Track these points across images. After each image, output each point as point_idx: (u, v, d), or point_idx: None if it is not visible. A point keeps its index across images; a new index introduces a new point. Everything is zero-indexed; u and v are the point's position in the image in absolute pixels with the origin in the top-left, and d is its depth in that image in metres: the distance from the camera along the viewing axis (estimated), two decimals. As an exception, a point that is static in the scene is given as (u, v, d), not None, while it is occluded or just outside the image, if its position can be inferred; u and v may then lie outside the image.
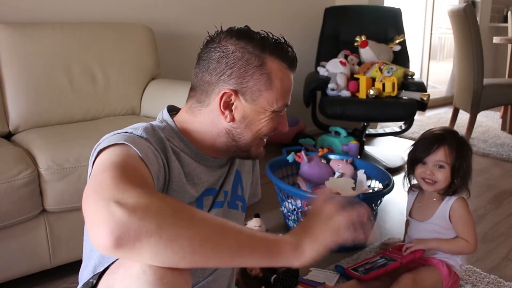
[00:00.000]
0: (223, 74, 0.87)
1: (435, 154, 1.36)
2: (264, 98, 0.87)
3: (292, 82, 0.92)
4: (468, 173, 1.39)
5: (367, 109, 2.50)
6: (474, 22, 3.11)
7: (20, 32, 1.78)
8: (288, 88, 0.91)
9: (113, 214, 0.56)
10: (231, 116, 0.88)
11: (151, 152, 0.76)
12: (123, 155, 0.69)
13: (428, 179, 1.38)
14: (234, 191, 1.01)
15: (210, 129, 0.90)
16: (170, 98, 1.94)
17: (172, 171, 0.82)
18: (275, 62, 0.88)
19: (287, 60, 0.89)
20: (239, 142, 0.91)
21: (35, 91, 1.78)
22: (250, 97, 0.87)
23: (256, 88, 0.86)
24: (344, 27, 3.01)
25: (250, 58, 0.86)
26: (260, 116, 0.89)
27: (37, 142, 1.53)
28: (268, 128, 0.90)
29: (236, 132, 0.90)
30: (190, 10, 2.63)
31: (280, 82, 0.88)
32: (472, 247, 1.36)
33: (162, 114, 0.95)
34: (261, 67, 0.86)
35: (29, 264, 1.41)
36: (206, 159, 0.92)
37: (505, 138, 3.44)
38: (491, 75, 5.04)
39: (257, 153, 0.96)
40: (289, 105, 0.93)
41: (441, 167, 1.36)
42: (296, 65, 0.92)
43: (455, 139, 1.38)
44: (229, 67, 0.86)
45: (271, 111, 0.89)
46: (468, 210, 1.38)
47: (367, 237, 0.78)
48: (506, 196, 2.31)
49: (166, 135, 0.87)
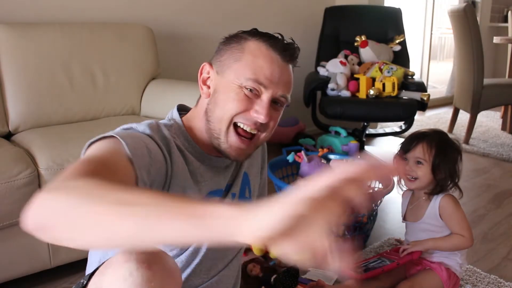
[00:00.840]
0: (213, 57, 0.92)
1: (414, 150, 1.39)
2: (232, 70, 0.86)
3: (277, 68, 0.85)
4: (453, 172, 1.38)
5: (367, 109, 2.50)
6: (474, 22, 3.11)
7: (20, 32, 1.78)
8: (264, 66, 0.84)
9: (36, 197, 0.54)
10: (208, 91, 0.89)
11: (144, 147, 0.74)
12: (105, 148, 0.68)
13: (408, 175, 1.40)
14: (242, 193, 1.01)
15: (200, 115, 0.90)
16: (170, 98, 1.95)
17: (177, 167, 0.82)
18: (256, 42, 0.87)
19: (271, 42, 0.86)
20: (210, 123, 0.87)
21: (35, 91, 1.78)
22: (221, 68, 0.88)
23: (226, 60, 0.88)
24: (344, 27, 3.01)
25: (236, 40, 0.89)
26: (229, 91, 0.85)
27: (37, 142, 1.53)
28: (236, 106, 0.84)
29: (209, 109, 0.88)
30: (190, 10, 2.63)
31: (252, 57, 0.85)
32: (469, 240, 1.36)
33: (172, 113, 0.95)
34: (239, 44, 0.88)
35: (29, 264, 1.41)
36: (210, 159, 0.92)
37: (505, 138, 3.44)
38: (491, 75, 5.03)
39: (230, 148, 0.87)
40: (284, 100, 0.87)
41: (419, 163, 1.38)
42: (291, 55, 0.88)
43: (438, 137, 1.40)
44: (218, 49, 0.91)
45: (237, 85, 0.84)
46: (457, 205, 1.38)
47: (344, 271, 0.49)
48: (506, 196, 2.31)
49: (172, 133, 0.87)
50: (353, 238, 1.74)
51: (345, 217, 0.48)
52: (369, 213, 1.74)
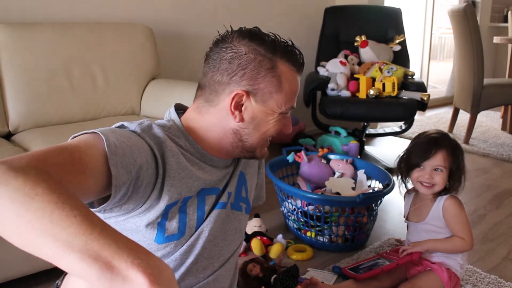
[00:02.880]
0: (235, 75, 0.87)
1: (433, 158, 1.37)
2: (274, 100, 0.89)
3: (299, 84, 0.94)
4: (463, 174, 1.39)
5: (367, 109, 2.50)
6: (474, 22, 3.11)
7: (20, 32, 1.78)
8: (296, 90, 0.93)
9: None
10: (241, 116, 0.89)
11: (128, 145, 0.73)
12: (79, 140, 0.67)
13: (426, 182, 1.38)
14: (238, 192, 1.01)
15: (217, 128, 0.90)
16: (170, 98, 1.95)
17: (170, 167, 0.81)
18: (285, 65, 0.89)
19: (296, 63, 0.91)
20: (245, 143, 0.92)
21: (35, 91, 1.78)
22: (261, 98, 0.88)
23: (267, 90, 0.88)
24: (344, 27, 3.01)
25: (263, 60, 0.87)
26: (268, 118, 0.90)
27: (37, 142, 1.53)
28: (275, 129, 0.93)
29: (244, 133, 0.91)
30: (190, 10, 2.63)
31: (289, 84, 0.90)
32: (468, 244, 1.36)
33: (170, 113, 0.95)
34: (273, 70, 0.88)
35: (29, 264, 1.41)
36: (212, 160, 0.92)
37: (505, 138, 3.44)
38: (491, 75, 5.03)
39: (262, 154, 0.98)
40: (294, 107, 0.94)
41: (438, 170, 1.37)
42: (303, 68, 0.95)
43: (449, 142, 1.39)
44: (242, 68, 0.86)
45: (279, 112, 0.90)
46: (461, 207, 1.38)
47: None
48: (506, 196, 2.31)
49: (172, 135, 0.87)
50: (353, 238, 1.74)
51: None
52: (369, 213, 1.74)
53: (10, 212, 0.51)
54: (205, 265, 0.94)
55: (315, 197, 1.70)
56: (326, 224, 1.71)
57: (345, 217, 1.71)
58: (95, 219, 0.52)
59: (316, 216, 1.71)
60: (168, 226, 0.85)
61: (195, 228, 0.90)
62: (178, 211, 0.87)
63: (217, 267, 0.98)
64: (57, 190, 0.53)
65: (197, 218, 0.90)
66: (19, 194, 0.51)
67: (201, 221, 0.91)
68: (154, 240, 0.84)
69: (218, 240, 0.96)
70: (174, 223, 0.86)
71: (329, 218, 1.72)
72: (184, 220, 0.88)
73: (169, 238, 0.86)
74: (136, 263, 0.49)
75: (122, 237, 0.52)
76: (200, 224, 0.91)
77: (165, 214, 0.84)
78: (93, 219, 0.52)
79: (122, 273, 0.48)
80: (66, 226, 0.50)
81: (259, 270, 1.47)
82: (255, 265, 1.49)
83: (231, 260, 1.03)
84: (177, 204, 0.85)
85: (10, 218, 0.51)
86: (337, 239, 1.73)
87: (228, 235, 0.99)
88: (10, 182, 0.52)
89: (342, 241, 1.73)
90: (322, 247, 1.74)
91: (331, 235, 1.73)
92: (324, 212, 1.71)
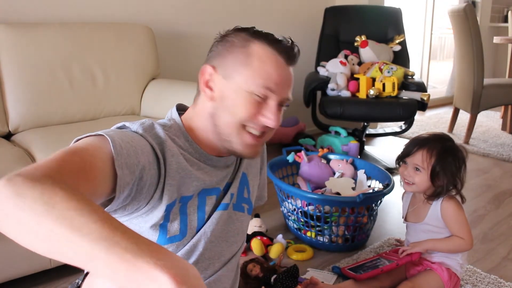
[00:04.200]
0: (210, 57, 0.90)
1: (413, 156, 1.38)
2: (239, 74, 0.85)
3: (282, 71, 0.87)
4: (454, 180, 1.36)
5: (367, 109, 2.50)
6: (474, 22, 3.11)
7: (20, 32, 1.78)
8: (273, 73, 0.85)
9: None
10: (211, 94, 0.88)
11: (134, 146, 0.73)
12: (86, 144, 0.68)
13: (406, 179, 1.41)
14: (240, 193, 1.01)
15: (202, 118, 0.90)
16: (170, 98, 1.95)
17: (170, 167, 0.82)
18: (262, 46, 0.86)
19: (277, 46, 0.86)
20: (219, 127, 0.88)
21: (35, 91, 1.78)
22: (226, 72, 0.87)
23: (232, 63, 0.86)
24: (344, 27, 3.01)
25: (238, 41, 0.87)
26: (237, 96, 0.85)
27: (37, 142, 1.53)
28: (246, 112, 0.85)
29: (216, 115, 0.88)
30: (190, 10, 2.63)
31: (260, 63, 0.85)
32: (468, 244, 1.36)
33: (171, 113, 0.95)
34: (243, 47, 0.87)
35: (29, 264, 1.41)
36: (211, 159, 0.92)
37: (505, 138, 3.44)
38: (491, 75, 5.03)
39: (244, 147, 0.88)
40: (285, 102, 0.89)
41: (417, 170, 1.37)
42: (294, 58, 0.88)
43: (440, 145, 1.37)
44: (217, 50, 0.89)
45: (246, 90, 0.84)
46: (459, 207, 1.37)
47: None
48: (506, 196, 2.31)
49: (172, 134, 0.87)
50: (353, 238, 1.74)
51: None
52: (369, 213, 1.74)
53: (32, 222, 0.52)
54: (205, 265, 0.94)
55: (315, 197, 1.70)
56: (326, 224, 1.71)
57: (345, 217, 1.71)
58: (114, 223, 0.53)
59: (316, 216, 1.71)
60: (170, 227, 0.85)
61: (196, 229, 0.90)
62: (179, 212, 0.87)
63: (218, 267, 0.98)
64: (74, 198, 0.54)
65: (197, 219, 0.90)
66: (39, 204, 0.52)
67: (202, 222, 0.91)
68: (156, 241, 0.84)
69: (219, 241, 0.95)
70: (175, 224, 0.86)
71: (329, 218, 1.72)
72: (185, 221, 0.88)
73: (171, 239, 0.86)
74: (160, 264, 0.49)
75: (143, 239, 0.52)
76: (202, 225, 0.91)
77: (166, 216, 0.84)
78: (112, 222, 0.53)
79: (147, 274, 0.49)
80: (88, 233, 0.51)
81: (259, 270, 1.47)
82: (255, 265, 1.49)
83: (232, 260, 1.03)
84: (176, 205, 0.85)
85: (32, 228, 0.52)
86: (337, 239, 1.73)
87: (230, 236, 0.99)
88: (28, 193, 0.53)
89: (342, 241, 1.73)
90: (322, 247, 1.74)
91: (331, 235, 1.73)
92: (324, 212, 1.71)
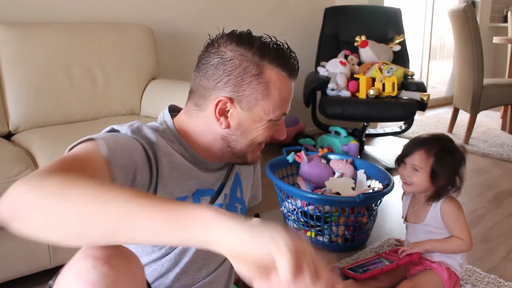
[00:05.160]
0: (220, 81, 0.85)
1: (411, 156, 1.38)
2: (261, 107, 0.86)
3: (291, 91, 0.90)
4: (453, 180, 1.36)
5: (367, 109, 2.50)
6: (474, 22, 3.11)
7: (20, 32, 1.78)
8: (287, 97, 0.89)
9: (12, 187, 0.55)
10: (227, 123, 0.87)
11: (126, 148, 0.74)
12: (82, 149, 0.69)
13: (405, 180, 1.41)
14: (232, 193, 1.01)
15: (206, 133, 0.89)
16: (170, 98, 1.94)
17: (163, 168, 0.82)
18: (274, 70, 0.85)
19: (287, 68, 0.87)
20: (234, 149, 0.90)
21: (35, 91, 1.78)
22: (246, 105, 0.86)
23: (252, 97, 0.85)
24: (344, 27, 3.01)
25: (248, 66, 0.84)
26: (256, 125, 0.88)
27: (37, 142, 1.53)
28: (264, 136, 0.90)
29: (232, 139, 0.89)
30: (190, 10, 2.63)
31: (278, 91, 0.86)
32: (467, 245, 1.35)
33: (164, 115, 0.94)
34: (259, 76, 0.84)
35: (29, 264, 1.41)
36: (205, 163, 0.92)
37: (505, 138, 3.44)
38: (491, 75, 5.04)
39: (253, 159, 0.95)
40: (287, 113, 0.91)
41: (416, 171, 1.37)
42: (297, 73, 0.90)
43: (438, 145, 1.36)
44: (226, 74, 0.84)
45: (267, 120, 0.87)
46: (458, 208, 1.37)
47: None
48: (506, 196, 2.31)
49: (166, 138, 0.86)
50: (353, 238, 1.74)
51: None
52: (369, 213, 1.74)
53: (78, 205, 0.53)
54: (200, 266, 0.94)
55: (315, 197, 1.70)
56: (326, 224, 1.71)
57: (345, 217, 1.71)
58: (145, 195, 0.55)
59: (316, 216, 1.71)
60: None
61: None
62: None
63: (214, 268, 0.98)
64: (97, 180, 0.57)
65: None
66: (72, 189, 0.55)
67: None
68: None
69: None
70: None
71: (329, 218, 1.72)
72: None
73: None
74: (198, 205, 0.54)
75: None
76: None
77: None
78: (143, 195, 0.55)
79: (194, 215, 0.53)
80: (137, 201, 0.53)
81: (259, 270, 1.47)
82: (255, 265, 1.49)
83: (226, 261, 1.03)
84: None
85: (77, 212, 0.53)
86: (337, 239, 1.73)
87: None
88: (78, 183, 0.55)
89: (342, 241, 1.73)
90: (322, 247, 1.74)
91: (331, 235, 1.73)
92: (324, 212, 1.71)
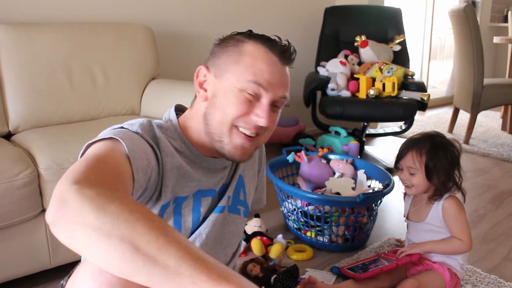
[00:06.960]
0: (206, 59, 0.92)
1: (405, 159, 1.39)
2: (231, 73, 0.85)
3: (276, 70, 0.85)
4: (451, 174, 1.36)
5: (367, 109, 2.50)
6: (474, 22, 3.11)
7: (20, 32, 1.78)
8: (263, 68, 0.84)
9: (65, 190, 0.56)
10: (205, 95, 0.88)
11: (141, 147, 0.75)
12: (106, 149, 0.68)
13: (405, 183, 1.41)
14: (236, 196, 1.01)
15: (198, 119, 0.90)
16: (170, 98, 1.94)
17: (165, 167, 0.82)
18: (255, 45, 0.86)
19: (269, 45, 0.86)
20: (210, 127, 0.87)
21: (35, 91, 1.78)
22: (219, 71, 0.87)
23: (224, 62, 0.87)
24: (344, 27, 3.01)
25: (233, 43, 0.88)
26: (228, 94, 0.84)
27: (37, 142, 1.53)
28: (237, 110, 0.83)
29: (207, 114, 0.87)
30: (190, 10, 2.63)
31: (252, 59, 0.84)
32: (467, 245, 1.35)
33: (169, 113, 0.95)
34: (236, 46, 0.87)
35: (29, 264, 1.41)
36: (207, 161, 0.92)
37: (505, 138, 3.44)
38: (491, 75, 5.04)
39: (234, 149, 0.86)
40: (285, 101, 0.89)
41: (412, 173, 1.38)
42: (289, 57, 0.88)
43: (429, 142, 1.36)
44: (213, 52, 0.91)
45: (238, 88, 0.83)
46: (460, 208, 1.37)
47: None
48: (506, 196, 2.31)
49: (168, 135, 0.87)
50: (353, 238, 1.74)
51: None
52: (369, 213, 1.74)
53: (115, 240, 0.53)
54: None
55: (315, 197, 1.70)
56: (326, 224, 1.71)
57: (345, 217, 1.71)
58: (189, 243, 0.56)
59: (316, 216, 1.71)
60: None
61: (190, 230, 0.90)
62: (172, 212, 0.86)
63: None
64: (143, 213, 0.56)
65: (192, 220, 0.90)
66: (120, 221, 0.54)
67: (197, 223, 0.91)
68: None
69: (214, 243, 0.95)
70: None
71: (329, 218, 1.72)
72: (179, 222, 0.88)
73: None
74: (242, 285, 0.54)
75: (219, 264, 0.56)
76: (197, 226, 0.91)
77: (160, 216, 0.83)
78: (188, 242, 0.56)
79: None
80: (174, 252, 0.53)
81: (259, 270, 1.47)
82: (255, 265, 1.49)
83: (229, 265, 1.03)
84: (170, 206, 0.85)
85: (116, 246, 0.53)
86: (337, 239, 1.73)
87: (224, 238, 0.98)
88: (108, 207, 0.54)
89: (342, 241, 1.73)
90: (322, 247, 1.74)
91: (331, 235, 1.73)
92: (324, 212, 1.71)
